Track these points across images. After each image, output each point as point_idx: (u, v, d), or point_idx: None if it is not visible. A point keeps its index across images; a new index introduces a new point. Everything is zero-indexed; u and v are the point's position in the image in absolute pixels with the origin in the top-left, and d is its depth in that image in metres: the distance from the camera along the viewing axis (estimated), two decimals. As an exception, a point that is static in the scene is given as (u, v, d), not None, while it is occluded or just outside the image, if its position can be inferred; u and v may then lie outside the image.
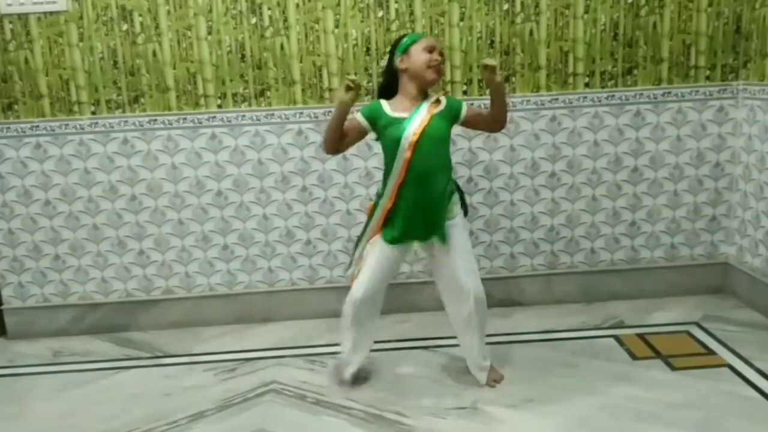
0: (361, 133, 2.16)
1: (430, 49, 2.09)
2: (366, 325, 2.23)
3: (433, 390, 2.24)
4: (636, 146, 2.79)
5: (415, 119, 2.06)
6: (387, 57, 2.21)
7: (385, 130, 2.11)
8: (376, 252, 2.16)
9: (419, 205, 2.09)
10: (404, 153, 2.05)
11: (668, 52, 2.73)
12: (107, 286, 2.85)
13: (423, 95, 2.13)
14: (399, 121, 2.08)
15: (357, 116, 2.13)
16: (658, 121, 2.77)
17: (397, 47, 2.14)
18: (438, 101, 2.12)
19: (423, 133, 2.05)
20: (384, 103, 2.14)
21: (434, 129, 2.07)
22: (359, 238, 2.23)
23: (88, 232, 2.79)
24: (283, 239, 2.83)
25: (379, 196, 2.17)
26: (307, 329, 2.79)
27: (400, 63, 2.12)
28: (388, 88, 2.18)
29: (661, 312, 2.78)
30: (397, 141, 2.06)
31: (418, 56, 2.08)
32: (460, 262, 2.14)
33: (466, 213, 2.23)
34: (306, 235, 2.83)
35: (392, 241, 2.14)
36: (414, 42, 2.11)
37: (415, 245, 2.19)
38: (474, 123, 2.20)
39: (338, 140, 2.13)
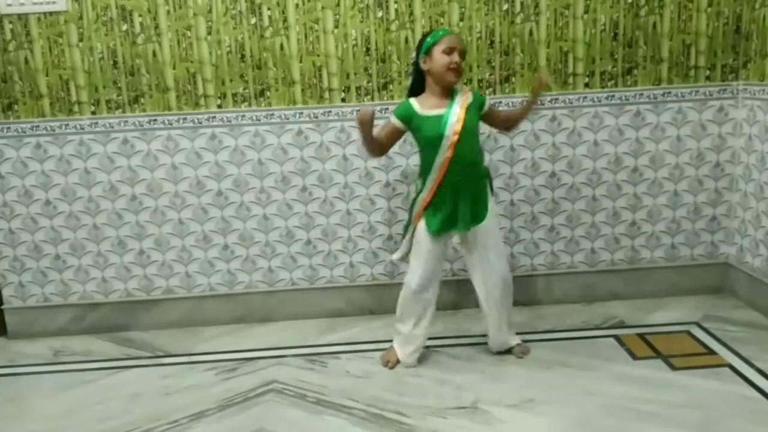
0: (400, 134, 2.26)
1: (450, 51, 2.16)
2: (420, 312, 2.35)
3: (433, 389, 2.25)
4: (636, 146, 2.80)
5: (452, 116, 2.16)
6: (414, 54, 2.29)
7: (420, 129, 2.21)
8: (423, 243, 2.27)
9: (462, 197, 2.22)
10: (446, 151, 2.16)
11: (668, 52, 2.73)
12: (107, 285, 2.85)
13: (448, 92, 2.22)
14: (434, 119, 2.18)
15: (392, 119, 2.23)
16: (658, 121, 2.78)
17: (421, 48, 2.22)
18: (469, 92, 2.24)
19: (462, 129, 2.15)
20: (413, 102, 2.24)
21: (469, 122, 2.18)
22: (405, 228, 2.37)
23: (89, 232, 2.79)
24: (283, 239, 2.83)
25: (419, 192, 2.28)
26: (307, 329, 2.79)
27: (423, 64, 2.22)
28: (417, 84, 2.27)
29: (662, 312, 2.78)
30: (435, 138, 2.17)
31: (438, 58, 2.17)
32: (492, 244, 2.28)
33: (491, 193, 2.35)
34: (306, 235, 2.83)
35: (438, 233, 2.25)
36: (435, 43, 2.18)
37: (456, 233, 2.30)
38: (491, 119, 2.33)
39: (378, 150, 2.26)
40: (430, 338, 2.63)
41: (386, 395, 2.22)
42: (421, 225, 2.27)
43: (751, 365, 2.29)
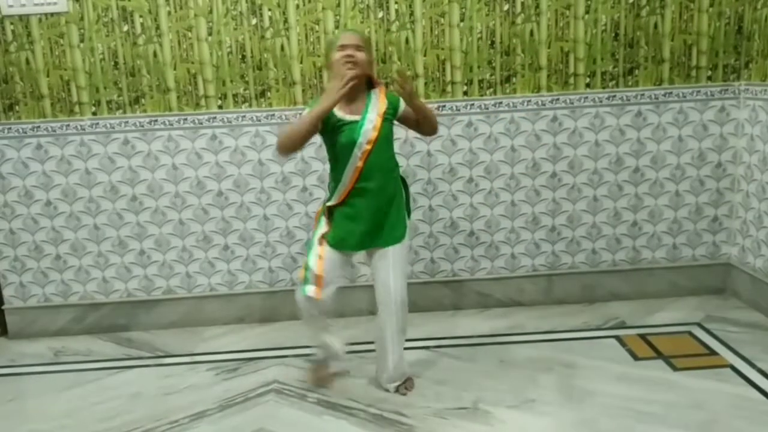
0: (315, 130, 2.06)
1: (342, 46, 2.03)
2: (321, 322, 2.21)
3: (433, 390, 2.24)
4: (637, 147, 2.79)
5: (367, 124, 2.02)
6: None
7: (335, 132, 2.05)
8: (331, 256, 2.10)
9: (371, 211, 2.07)
10: (357, 161, 2.02)
11: (669, 53, 2.72)
12: (108, 286, 2.85)
13: (362, 95, 2.07)
14: (349, 124, 2.03)
15: (306, 113, 2.04)
16: (660, 121, 2.77)
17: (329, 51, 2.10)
18: (384, 95, 2.07)
19: (376, 138, 2.03)
20: None
21: (384, 130, 2.05)
22: (310, 243, 2.17)
23: (89, 232, 2.79)
24: (283, 239, 2.83)
25: (327, 200, 2.15)
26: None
27: (330, 69, 2.10)
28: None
29: (663, 312, 2.77)
30: (349, 145, 2.02)
31: (336, 56, 2.04)
32: (397, 267, 2.11)
33: (408, 214, 2.20)
34: (306, 236, 2.83)
35: (336, 247, 2.10)
36: (336, 41, 2.07)
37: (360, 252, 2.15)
38: (405, 121, 2.15)
39: (301, 142, 2.03)
40: (431, 338, 2.63)
41: (386, 396, 2.22)
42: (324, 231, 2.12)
43: (753, 366, 2.28)
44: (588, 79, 2.73)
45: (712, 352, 2.41)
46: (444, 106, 2.72)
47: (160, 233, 2.81)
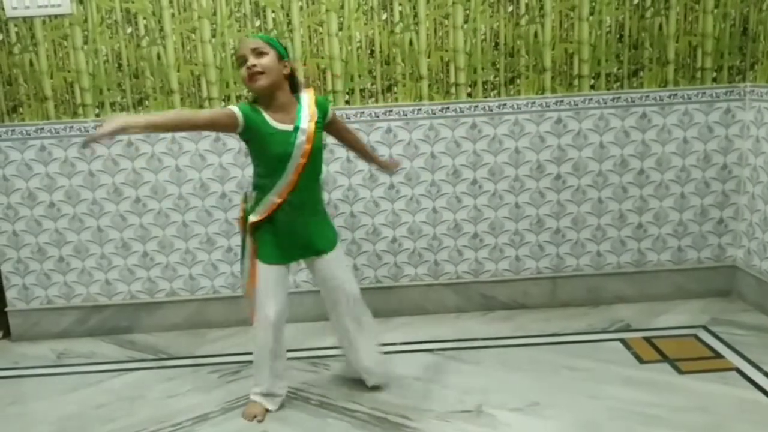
0: (226, 126, 1.93)
1: (242, 60, 1.92)
2: (281, 348, 2.15)
3: (437, 393, 2.23)
4: (642, 148, 2.78)
5: (300, 136, 1.94)
6: None
7: (266, 141, 1.94)
8: (269, 273, 2.04)
9: (301, 223, 2.03)
10: (290, 175, 1.95)
11: (674, 54, 2.71)
12: (111, 288, 2.85)
13: (286, 99, 1.98)
14: (282, 135, 1.94)
15: (234, 108, 1.91)
16: (665, 123, 2.76)
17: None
18: (314, 101, 2.01)
19: (310, 150, 1.96)
20: (264, 110, 1.97)
21: (318, 141, 1.99)
22: (242, 254, 2.11)
23: (93, 234, 2.79)
24: (287, 242, 2.82)
25: (249, 211, 2.03)
26: (310, 331, 2.77)
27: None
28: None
29: (668, 315, 2.75)
30: (283, 158, 1.94)
31: (241, 72, 1.94)
32: (341, 270, 2.12)
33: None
34: (310, 238, 2.82)
35: (275, 262, 2.04)
36: (236, 57, 2.01)
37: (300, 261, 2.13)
38: (332, 129, 2.13)
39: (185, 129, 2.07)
40: (434, 341, 2.62)
41: (390, 398, 2.21)
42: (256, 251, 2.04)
43: (759, 369, 2.27)
44: (592, 81, 2.72)
45: (718, 355, 2.39)
46: (448, 107, 2.71)
47: (164, 235, 2.81)
